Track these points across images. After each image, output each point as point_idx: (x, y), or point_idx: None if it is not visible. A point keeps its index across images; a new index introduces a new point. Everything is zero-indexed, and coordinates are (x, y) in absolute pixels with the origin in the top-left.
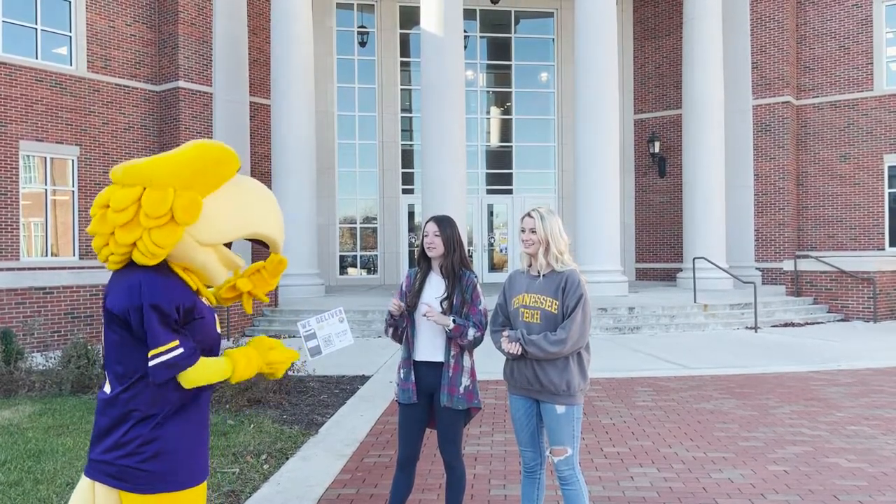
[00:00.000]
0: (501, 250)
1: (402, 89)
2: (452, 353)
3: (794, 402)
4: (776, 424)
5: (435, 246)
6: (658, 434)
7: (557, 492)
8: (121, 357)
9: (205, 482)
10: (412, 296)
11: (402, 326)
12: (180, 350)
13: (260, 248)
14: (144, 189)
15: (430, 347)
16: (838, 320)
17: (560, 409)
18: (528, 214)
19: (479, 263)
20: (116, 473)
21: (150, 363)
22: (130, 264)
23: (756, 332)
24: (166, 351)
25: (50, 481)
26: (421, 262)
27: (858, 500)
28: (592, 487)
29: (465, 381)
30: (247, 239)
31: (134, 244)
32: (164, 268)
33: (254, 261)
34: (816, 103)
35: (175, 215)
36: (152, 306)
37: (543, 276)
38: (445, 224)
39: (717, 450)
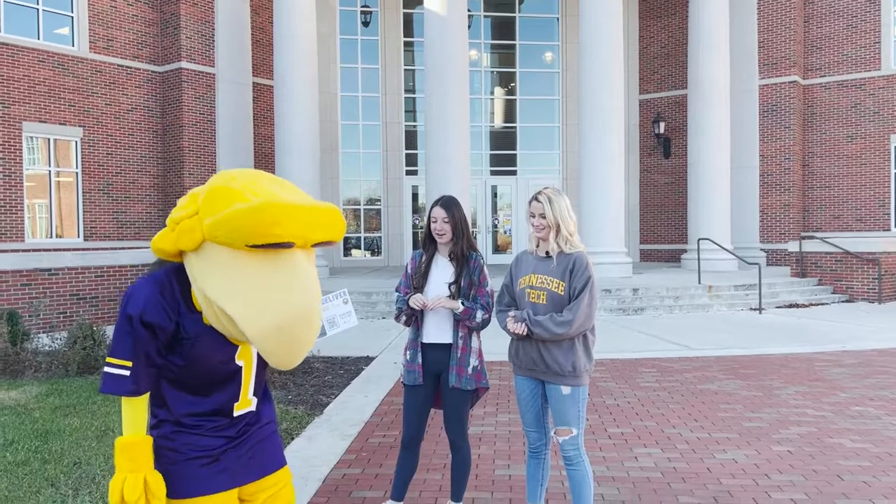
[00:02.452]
0: (506, 232)
1: (405, 69)
2: (460, 334)
3: (799, 383)
4: (780, 405)
5: (444, 232)
6: (662, 415)
7: (562, 472)
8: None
9: (205, 498)
10: (418, 278)
11: (417, 315)
12: (126, 374)
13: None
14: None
15: (437, 329)
16: (843, 301)
17: (565, 390)
18: (536, 199)
19: (484, 245)
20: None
21: (105, 368)
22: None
23: (760, 313)
24: (117, 365)
25: (57, 461)
26: (427, 244)
27: (863, 480)
28: (597, 468)
29: (474, 361)
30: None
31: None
32: (171, 281)
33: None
34: (823, 83)
35: (176, 230)
36: (126, 316)
37: (552, 257)
38: (452, 207)
39: (721, 430)
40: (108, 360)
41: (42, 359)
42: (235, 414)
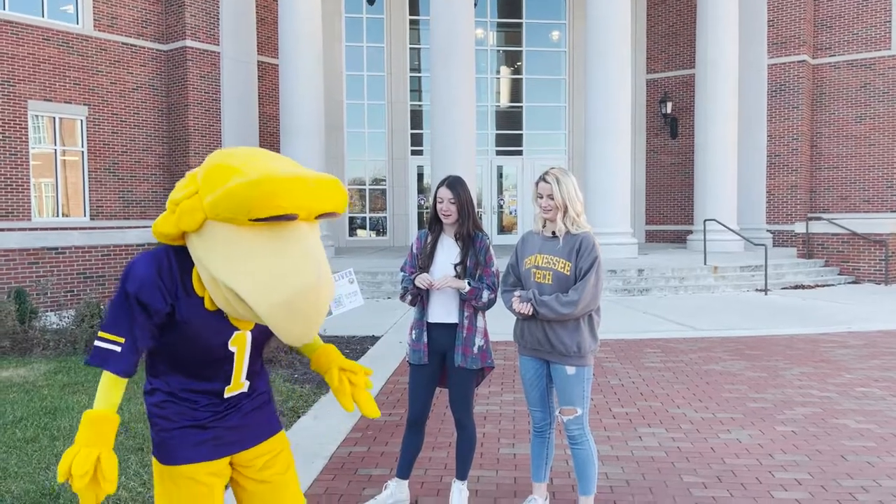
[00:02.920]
0: (511, 212)
1: (410, 48)
2: (466, 314)
3: (804, 363)
4: (785, 386)
5: (450, 213)
6: (667, 395)
7: (566, 451)
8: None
9: (191, 465)
10: (424, 258)
11: (423, 295)
12: (118, 350)
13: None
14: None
15: (443, 309)
16: (849, 283)
17: (570, 370)
18: (544, 179)
19: (489, 226)
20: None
21: (95, 341)
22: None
23: (766, 294)
24: (109, 340)
25: (66, 438)
26: (433, 224)
27: (867, 460)
28: (601, 447)
29: (479, 341)
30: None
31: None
32: (170, 261)
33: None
34: (833, 62)
35: (177, 211)
36: (124, 292)
37: (558, 237)
38: (458, 188)
39: (725, 411)
40: (101, 333)
41: (50, 337)
42: (226, 395)
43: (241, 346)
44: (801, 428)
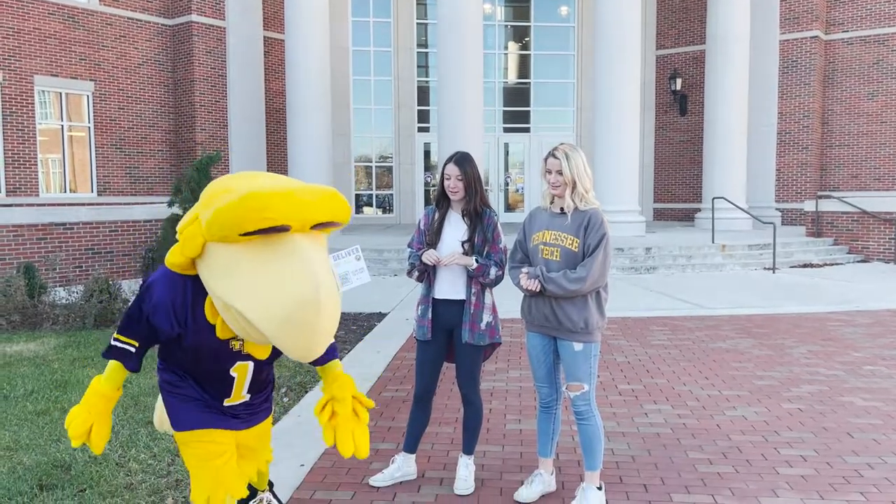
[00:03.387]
0: (518, 190)
1: (417, 23)
2: (473, 290)
3: (811, 342)
4: (792, 364)
5: (458, 189)
6: (673, 372)
7: (572, 426)
8: None
9: (204, 431)
10: (432, 235)
11: (430, 271)
12: (132, 350)
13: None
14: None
15: (451, 286)
16: (858, 261)
17: (578, 346)
18: (553, 155)
19: (496, 203)
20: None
21: (112, 340)
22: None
23: (774, 272)
24: (125, 342)
25: None
26: (441, 200)
27: (872, 438)
28: (607, 423)
29: (487, 317)
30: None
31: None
32: (185, 291)
33: None
34: (846, 38)
35: (179, 239)
36: (140, 307)
37: (566, 213)
38: (466, 164)
39: (731, 388)
40: (117, 335)
41: (59, 312)
42: (225, 404)
43: (242, 372)
44: (808, 405)
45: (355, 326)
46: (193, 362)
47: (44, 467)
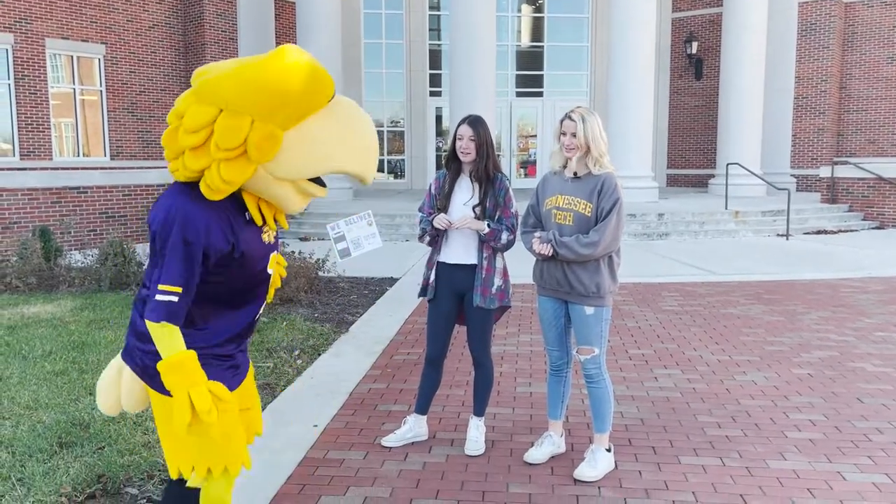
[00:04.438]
0: (530, 155)
1: None
2: (485, 255)
3: (823, 308)
4: (803, 330)
5: (469, 150)
6: (683, 338)
7: (582, 390)
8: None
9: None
10: (442, 198)
11: (441, 235)
12: (175, 300)
13: None
14: (221, 111)
15: (462, 250)
16: (873, 228)
17: (589, 310)
18: (569, 117)
19: (508, 169)
20: (141, 368)
21: (155, 295)
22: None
23: (787, 239)
24: (169, 292)
25: (94, 371)
26: (451, 163)
27: (882, 403)
28: (617, 387)
29: (498, 281)
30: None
31: (202, 172)
32: (211, 204)
33: None
34: (866, 1)
35: (248, 150)
36: (183, 240)
37: (580, 178)
38: (479, 126)
39: (741, 354)
40: (161, 286)
41: (75, 274)
42: (257, 318)
43: (274, 268)
44: (818, 371)
45: (367, 290)
46: (239, 277)
47: (63, 425)
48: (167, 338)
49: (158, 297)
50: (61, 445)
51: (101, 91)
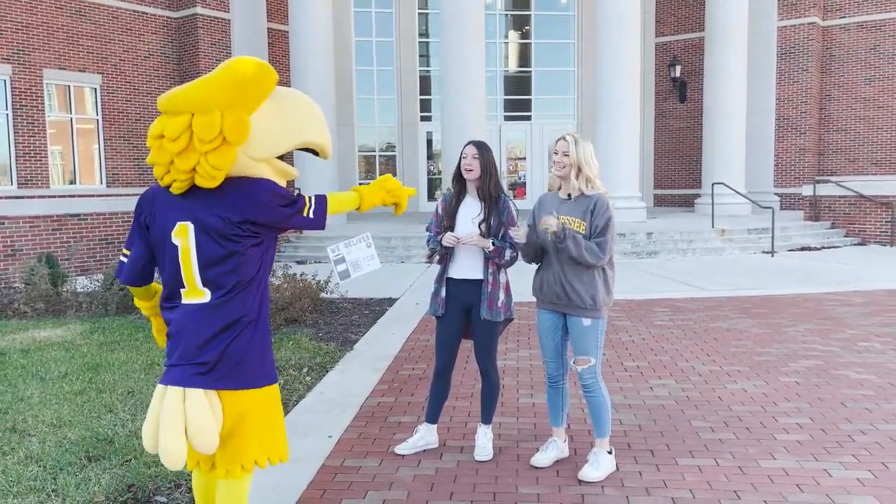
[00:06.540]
0: (519, 178)
1: (419, 13)
2: (490, 270)
3: (808, 321)
4: (789, 341)
5: (473, 168)
6: (676, 350)
7: (582, 400)
8: (237, 266)
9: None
10: (448, 217)
11: (449, 252)
12: (313, 199)
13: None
14: (193, 115)
15: (469, 266)
16: (855, 244)
17: (586, 321)
18: (563, 138)
19: None
20: (221, 374)
21: (311, 215)
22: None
23: (773, 256)
24: (311, 206)
25: (111, 390)
26: (456, 183)
27: (865, 407)
28: (614, 396)
29: (502, 295)
30: (297, 148)
31: (193, 169)
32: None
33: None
34: (843, 24)
35: (226, 136)
36: (275, 193)
37: (573, 198)
38: (483, 148)
39: (732, 364)
40: (307, 210)
41: (82, 299)
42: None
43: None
44: (804, 379)
45: (368, 311)
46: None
47: (89, 441)
48: (337, 203)
49: (312, 214)
50: (89, 459)
51: (97, 120)
